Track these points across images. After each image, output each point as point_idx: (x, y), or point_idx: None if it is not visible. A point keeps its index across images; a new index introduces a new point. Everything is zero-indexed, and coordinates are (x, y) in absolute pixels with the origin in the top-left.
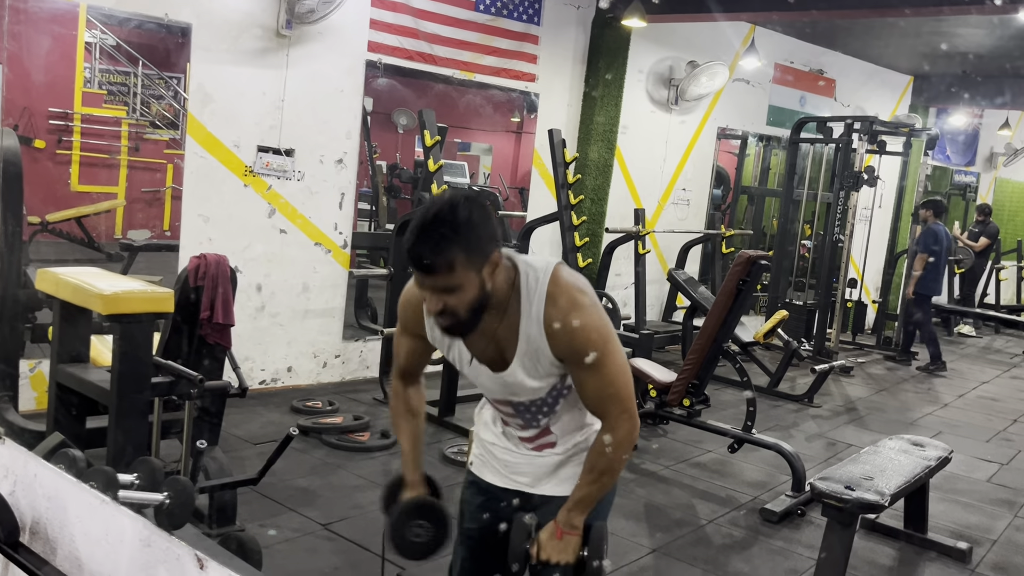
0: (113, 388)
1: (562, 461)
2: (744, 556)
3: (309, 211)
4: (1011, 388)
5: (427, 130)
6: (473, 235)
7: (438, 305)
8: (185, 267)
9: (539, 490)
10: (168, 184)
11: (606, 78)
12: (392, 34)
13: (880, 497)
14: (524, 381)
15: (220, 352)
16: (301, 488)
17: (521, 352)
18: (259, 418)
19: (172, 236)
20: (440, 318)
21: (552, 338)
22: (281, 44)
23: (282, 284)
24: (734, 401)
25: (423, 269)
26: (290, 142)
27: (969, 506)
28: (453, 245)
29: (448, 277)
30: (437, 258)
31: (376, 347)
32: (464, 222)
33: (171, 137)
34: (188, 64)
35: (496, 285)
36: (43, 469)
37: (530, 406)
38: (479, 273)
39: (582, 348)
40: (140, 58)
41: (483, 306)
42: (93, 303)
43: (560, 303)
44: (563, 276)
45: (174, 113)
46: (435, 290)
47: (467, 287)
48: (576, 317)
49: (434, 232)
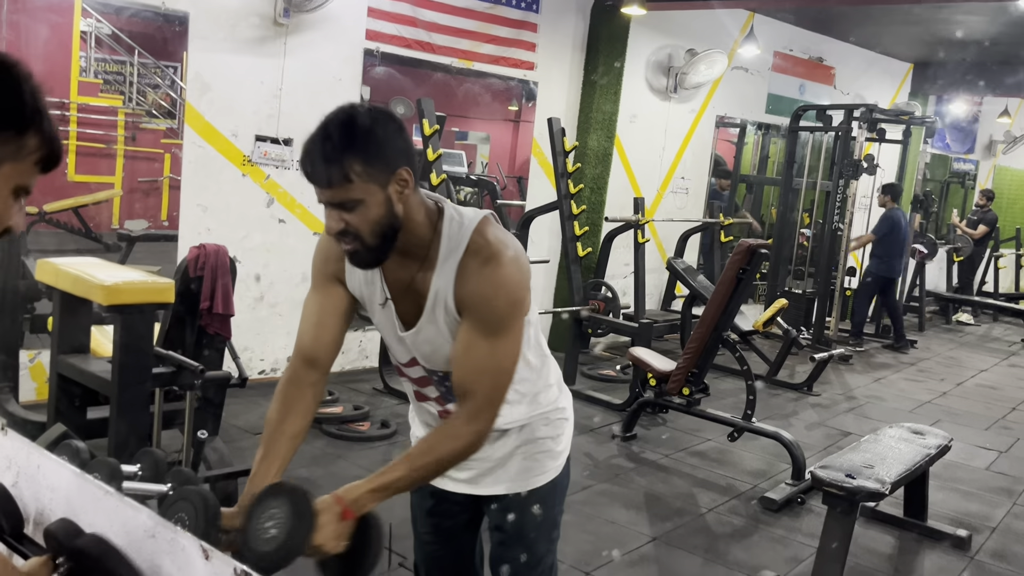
0: (114, 379)
1: (505, 455)
2: (744, 544)
3: (308, 200)
4: (1010, 376)
5: (426, 119)
6: (374, 144)
7: (339, 224)
8: (185, 257)
9: (484, 489)
10: (166, 174)
11: (606, 66)
12: (390, 22)
13: (881, 485)
14: (433, 338)
15: (220, 342)
16: (302, 478)
17: (429, 307)
18: (259, 408)
19: (171, 226)
20: (342, 240)
21: (460, 287)
22: (279, 32)
23: (281, 274)
24: (733, 390)
25: (316, 178)
26: (288, 131)
27: (968, 494)
28: (349, 152)
29: (345, 189)
30: (331, 166)
31: (375, 337)
32: (364, 130)
33: (168, 126)
34: (185, 53)
35: (411, 215)
36: (46, 460)
37: (445, 378)
38: (383, 189)
39: (486, 311)
40: (136, 47)
41: (391, 232)
42: (94, 294)
43: (480, 255)
44: (491, 229)
45: (171, 102)
46: (333, 205)
47: (369, 204)
48: (493, 278)
49: (330, 138)
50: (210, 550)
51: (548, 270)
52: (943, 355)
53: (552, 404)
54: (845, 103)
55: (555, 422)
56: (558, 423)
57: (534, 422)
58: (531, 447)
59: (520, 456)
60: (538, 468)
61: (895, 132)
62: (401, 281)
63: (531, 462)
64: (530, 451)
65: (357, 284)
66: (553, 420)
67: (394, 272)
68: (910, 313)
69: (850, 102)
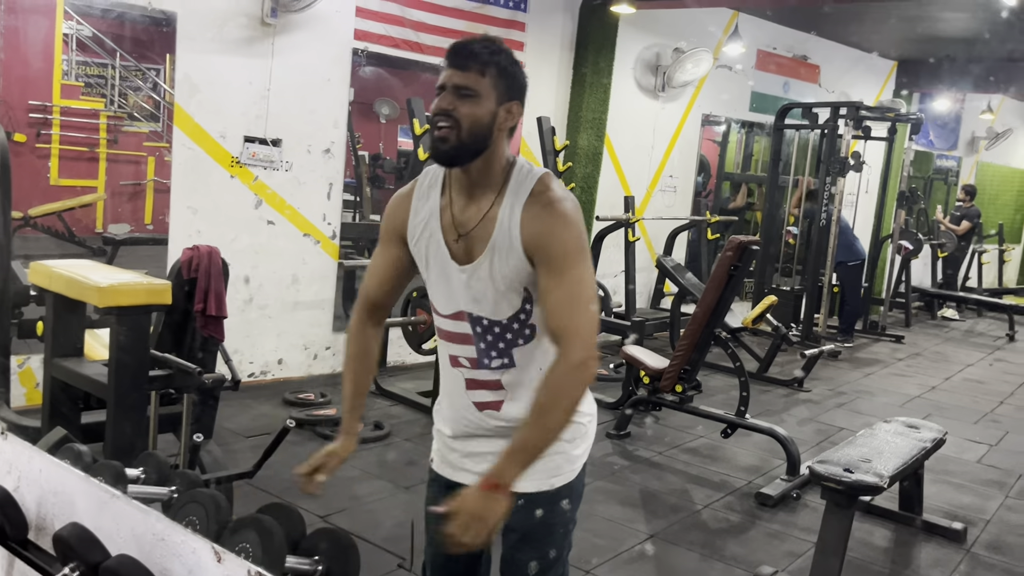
0: (111, 382)
1: None
2: (741, 540)
3: (297, 202)
4: (996, 370)
5: (416, 119)
6: (511, 70)
7: (450, 105)
8: (178, 259)
9: None
10: (150, 177)
11: (595, 65)
12: (378, 22)
13: (879, 479)
14: (489, 279)
15: (213, 345)
16: (296, 481)
17: (493, 243)
18: (250, 411)
19: (155, 229)
20: (443, 120)
21: (525, 229)
22: (267, 33)
23: (270, 276)
24: (723, 386)
25: (459, 59)
26: (277, 132)
27: (961, 487)
28: (495, 58)
29: (475, 79)
30: (480, 56)
31: None
32: (510, 58)
33: (151, 129)
34: (168, 55)
35: (497, 147)
36: (49, 464)
37: (488, 329)
38: (497, 103)
39: (555, 246)
40: (118, 49)
41: (480, 141)
42: (89, 296)
43: (543, 199)
44: (552, 181)
45: (154, 104)
46: (455, 88)
47: (482, 103)
48: (556, 216)
49: (486, 42)
50: (222, 552)
51: None
52: (930, 350)
53: (580, 416)
54: (831, 101)
55: (575, 426)
56: (577, 427)
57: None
58: (560, 442)
59: (549, 451)
60: (554, 470)
61: (880, 129)
62: (467, 220)
63: (547, 462)
64: (547, 451)
65: (419, 224)
66: (573, 424)
67: (461, 211)
68: (896, 309)
69: (835, 100)
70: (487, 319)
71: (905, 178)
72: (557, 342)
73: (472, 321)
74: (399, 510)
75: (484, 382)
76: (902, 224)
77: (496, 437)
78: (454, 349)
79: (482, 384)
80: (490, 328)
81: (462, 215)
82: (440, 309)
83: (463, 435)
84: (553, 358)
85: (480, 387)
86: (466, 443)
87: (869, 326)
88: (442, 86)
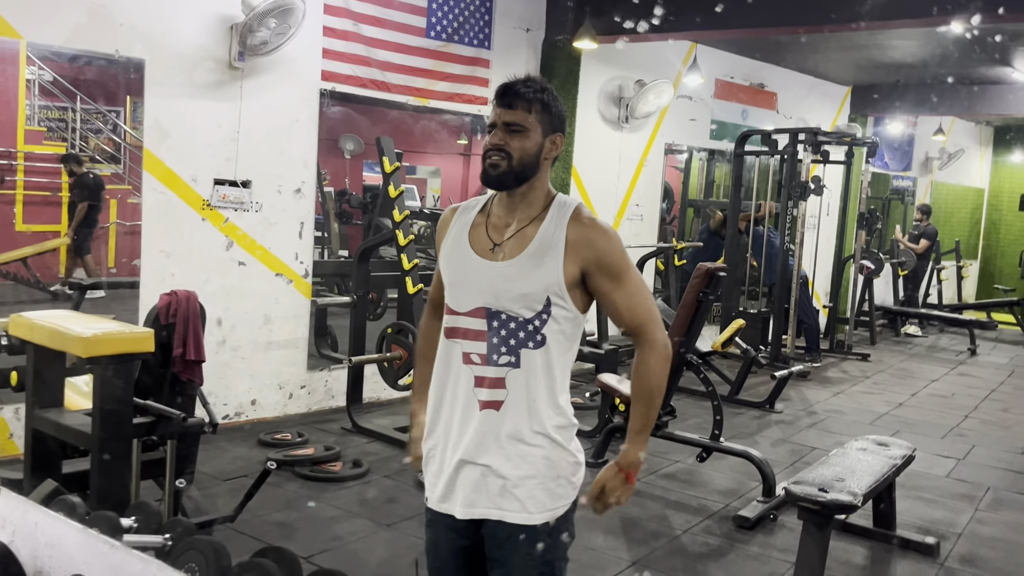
0: (95, 431)
1: (511, 469)
2: (722, 564)
3: (268, 242)
4: (960, 385)
5: (386, 157)
6: (554, 105)
7: (501, 141)
8: (155, 305)
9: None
10: (112, 219)
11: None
12: (345, 63)
13: (853, 497)
14: (518, 274)
15: (191, 389)
16: (278, 522)
17: (531, 248)
18: (226, 453)
19: (119, 272)
20: (495, 154)
21: (574, 244)
22: (235, 76)
23: (243, 317)
24: (696, 411)
25: (508, 98)
26: (247, 173)
27: (932, 501)
28: (540, 96)
29: (524, 116)
30: (526, 96)
31: (341, 376)
32: (552, 92)
33: (112, 171)
34: (128, 97)
35: (542, 175)
36: (44, 517)
37: (503, 325)
38: (544, 136)
39: (610, 257)
40: (78, 93)
41: (529, 170)
42: (72, 346)
43: (586, 220)
44: (586, 208)
45: (114, 147)
46: (506, 125)
47: (531, 136)
48: (603, 232)
49: (532, 82)
50: None
51: None
52: (895, 367)
53: (576, 450)
54: (789, 127)
55: (572, 465)
56: (576, 467)
57: (541, 446)
58: (549, 478)
59: (532, 484)
60: (553, 502)
61: (838, 153)
62: (504, 232)
63: (546, 495)
64: (547, 482)
65: (452, 236)
66: (570, 463)
67: (499, 224)
68: (860, 327)
69: (793, 126)
70: (504, 314)
71: (864, 200)
72: (637, 334)
73: (489, 316)
74: (382, 548)
75: (491, 379)
76: (863, 244)
77: (486, 454)
78: (467, 346)
79: (488, 382)
80: (505, 324)
81: (499, 229)
82: (458, 308)
83: (458, 447)
84: (640, 354)
85: (486, 384)
86: (457, 456)
87: (836, 345)
88: (493, 124)
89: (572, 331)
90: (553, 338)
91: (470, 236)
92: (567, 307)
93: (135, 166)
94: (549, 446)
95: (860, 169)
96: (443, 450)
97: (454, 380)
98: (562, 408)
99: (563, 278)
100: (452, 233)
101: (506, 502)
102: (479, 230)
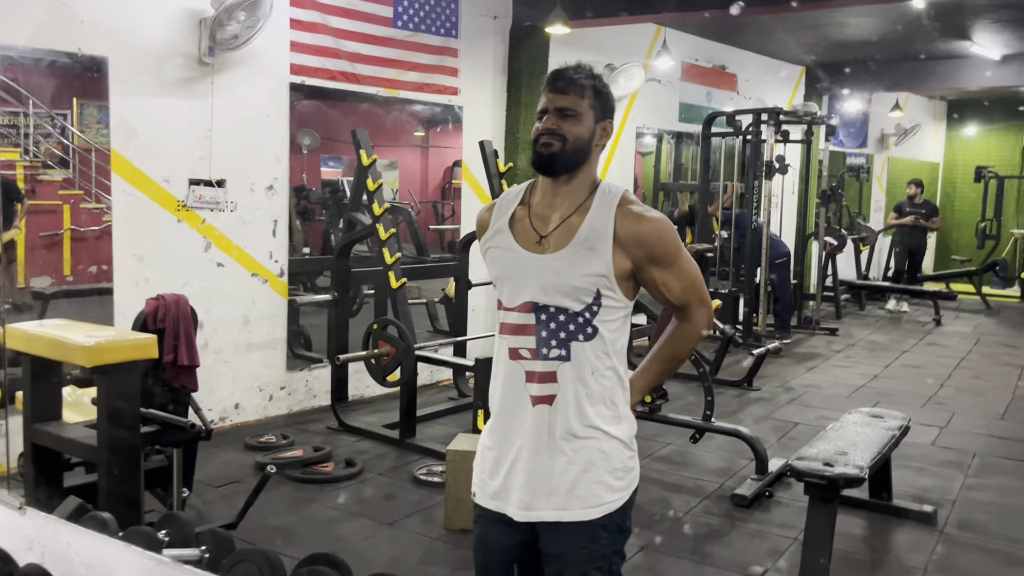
0: (102, 443)
1: (566, 466)
2: (725, 543)
3: (244, 242)
4: (930, 354)
5: (363, 150)
6: (605, 92)
7: (554, 125)
8: (142, 310)
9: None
10: (66, 226)
11: (529, 86)
12: (314, 55)
13: (860, 470)
14: (567, 268)
15: (185, 396)
16: (275, 527)
17: (579, 239)
18: (215, 460)
19: (75, 280)
20: (546, 136)
21: (623, 232)
22: (205, 72)
23: (223, 319)
24: (680, 392)
25: (560, 84)
26: (221, 172)
27: (922, 470)
28: (591, 83)
29: (576, 101)
30: (578, 81)
31: (322, 375)
32: (603, 79)
33: (64, 177)
34: (75, 99)
35: (592, 162)
36: (78, 535)
37: (552, 318)
38: (595, 122)
39: (662, 243)
40: (30, 96)
41: (580, 155)
42: (75, 356)
43: (634, 207)
44: (634, 196)
45: (63, 150)
46: (558, 111)
47: (582, 122)
48: (652, 220)
49: (582, 68)
50: None
51: (489, 292)
52: (864, 340)
53: (630, 439)
54: (751, 108)
55: (628, 454)
56: (632, 456)
57: (595, 437)
58: (606, 471)
59: (580, 468)
60: (593, 498)
61: (797, 132)
62: (548, 224)
63: (587, 492)
64: (603, 475)
65: (493, 232)
66: (626, 453)
67: (543, 216)
68: (825, 302)
69: (752, 106)
70: (552, 307)
71: (825, 177)
72: (684, 311)
73: (536, 310)
74: (389, 546)
75: (541, 374)
76: (825, 221)
77: (541, 452)
78: (517, 341)
79: (539, 376)
80: (554, 316)
81: (543, 220)
82: (507, 303)
83: (512, 445)
84: (679, 324)
85: (537, 379)
86: (512, 455)
87: (803, 321)
88: (544, 110)
89: (623, 320)
90: (604, 328)
91: (514, 229)
92: (617, 298)
93: (86, 169)
94: (604, 438)
95: (819, 147)
96: (499, 446)
97: (504, 377)
98: (618, 403)
99: (613, 271)
100: (494, 228)
101: (564, 501)
102: (522, 223)
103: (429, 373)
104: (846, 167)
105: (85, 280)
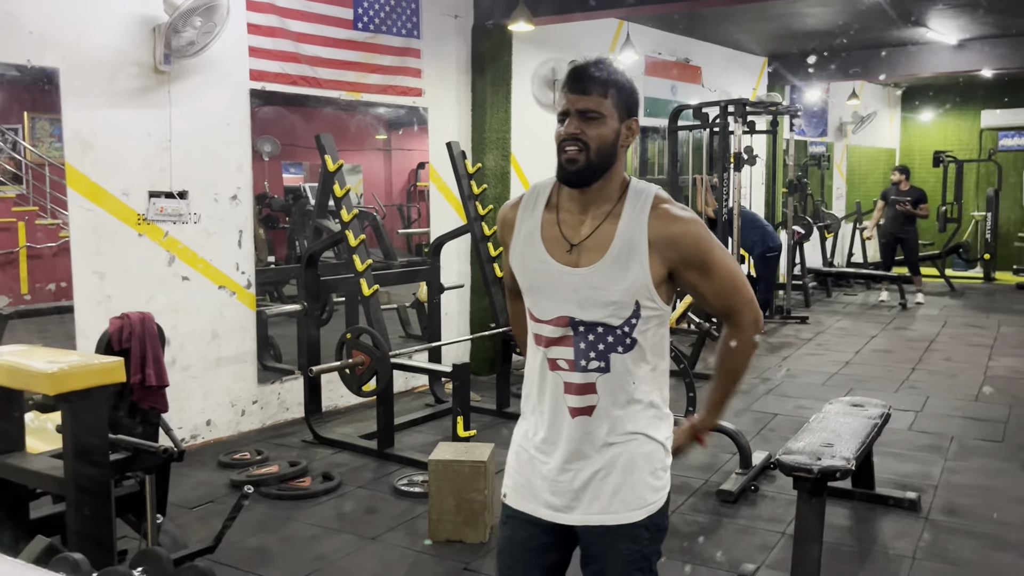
0: (68, 474)
1: (608, 471)
2: (715, 540)
3: (209, 254)
4: (898, 339)
5: (328, 155)
6: (628, 88)
7: (577, 130)
8: (106, 330)
9: (597, 518)
10: (21, 244)
11: (493, 85)
12: (273, 60)
13: (847, 462)
14: (604, 283)
15: (155, 417)
16: (254, 548)
17: (614, 251)
18: (187, 480)
19: (33, 299)
20: (571, 143)
21: (658, 237)
22: (161, 81)
23: (191, 334)
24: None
25: (580, 83)
26: (183, 183)
27: (901, 455)
28: (613, 79)
29: (598, 102)
30: (600, 79)
31: (294, 387)
32: (624, 75)
33: (18, 193)
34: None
35: (619, 163)
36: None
37: (591, 329)
38: (619, 122)
39: (700, 247)
40: None
41: (607, 160)
42: (37, 384)
43: (669, 210)
44: (666, 195)
45: (16, 166)
46: (580, 112)
47: (607, 123)
48: (688, 222)
49: (602, 64)
50: None
51: (461, 295)
52: (834, 327)
53: (666, 439)
54: (716, 100)
55: (665, 451)
56: (667, 452)
57: (637, 439)
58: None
59: (620, 472)
60: (638, 500)
61: (762, 123)
62: (580, 232)
63: (630, 494)
64: (645, 476)
65: (521, 238)
66: (664, 451)
67: (572, 224)
68: (794, 291)
69: (717, 98)
70: (589, 321)
71: (791, 167)
72: (732, 316)
73: (573, 325)
74: (372, 562)
75: (579, 385)
76: (792, 210)
77: (580, 460)
78: (553, 352)
79: (577, 388)
80: (592, 329)
81: (573, 227)
82: (540, 316)
83: (552, 454)
84: (728, 334)
85: (575, 391)
86: (551, 463)
87: (774, 310)
88: (565, 112)
89: (661, 325)
90: (642, 337)
91: (543, 236)
92: (657, 305)
93: (40, 185)
94: (645, 440)
95: (783, 137)
96: (535, 451)
97: (540, 385)
98: (658, 404)
99: (651, 280)
100: (522, 233)
101: (607, 504)
102: (551, 229)
103: (404, 380)
104: (808, 156)
105: (44, 299)
